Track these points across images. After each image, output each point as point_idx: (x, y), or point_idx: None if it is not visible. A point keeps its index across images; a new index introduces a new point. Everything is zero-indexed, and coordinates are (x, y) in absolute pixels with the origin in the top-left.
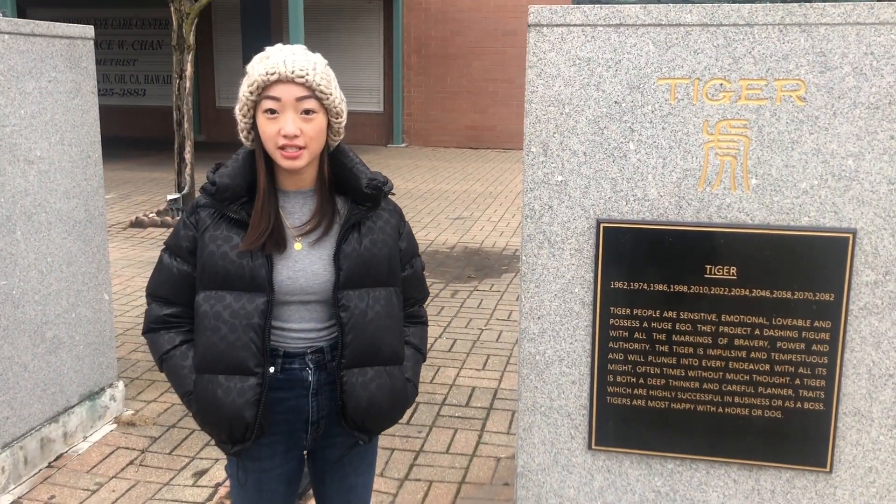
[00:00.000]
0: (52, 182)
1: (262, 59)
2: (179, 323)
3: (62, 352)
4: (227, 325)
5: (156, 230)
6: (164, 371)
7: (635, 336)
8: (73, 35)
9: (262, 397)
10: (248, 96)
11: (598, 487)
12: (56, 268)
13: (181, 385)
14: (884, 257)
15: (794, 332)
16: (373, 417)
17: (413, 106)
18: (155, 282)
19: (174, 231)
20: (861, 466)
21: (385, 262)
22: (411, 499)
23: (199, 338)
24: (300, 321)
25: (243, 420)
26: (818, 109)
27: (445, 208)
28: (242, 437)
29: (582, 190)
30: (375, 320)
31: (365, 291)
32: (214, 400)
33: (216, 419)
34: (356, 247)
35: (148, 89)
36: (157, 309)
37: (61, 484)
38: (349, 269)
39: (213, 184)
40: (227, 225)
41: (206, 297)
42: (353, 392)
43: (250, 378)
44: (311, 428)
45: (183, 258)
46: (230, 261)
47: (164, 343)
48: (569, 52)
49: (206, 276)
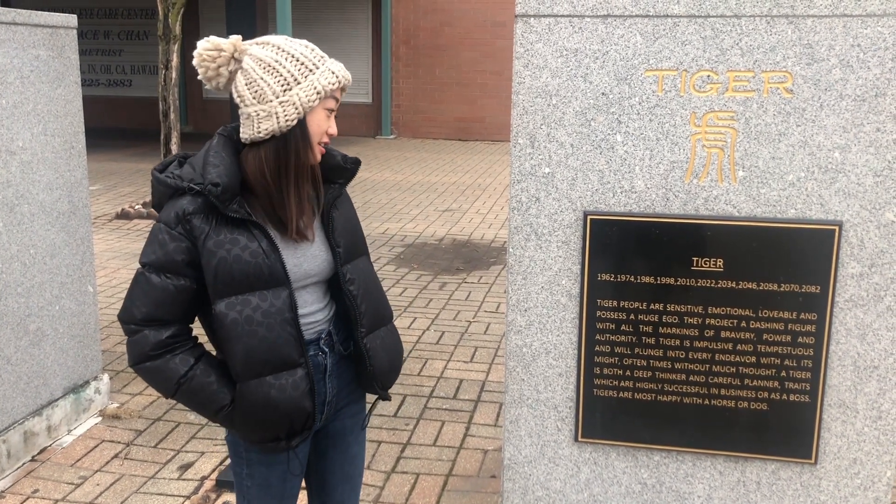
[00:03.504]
0: (35, 173)
1: (320, 56)
2: (182, 343)
3: (46, 344)
4: (264, 325)
5: (142, 222)
6: (178, 397)
7: (622, 328)
8: (56, 24)
9: (313, 384)
10: (330, 90)
11: (584, 479)
12: (39, 260)
13: (212, 402)
14: (869, 249)
15: (781, 325)
16: (395, 372)
17: (402, 97)
18: (144, 305)
19: (156, 247)
20: (846, 458)
21: (360, 231)
22: (398, 491)
23: (234, 346)
24: (304, 305)
25: (304, 411)
26: (805, 101)
27: (434, 200)
28: (303, 427)
29: (569, 182)
30: (372, 286)
31: (356, 262)
32: (270, 401)
33: (275, 419)
34: (341, 222)
35: (134, 80)
36: (155, 334)
37: (45, 477)
38: (345, 245)
39: (216, 185)
40: (227, 228)
41: (230, 305)
42: (377, 355)
43: (298, 370)
44: (326, 409)
45: (178, 273)
46: (245, 262)
47: (177, 367)
48: (556, 43)
49: (221, 284)
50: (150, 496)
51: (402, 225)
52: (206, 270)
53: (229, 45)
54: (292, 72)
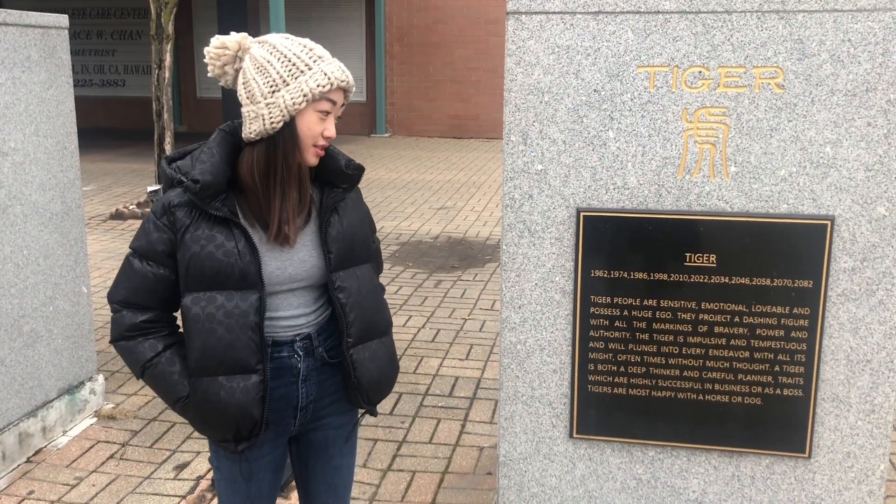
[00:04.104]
0: (27, 174)
1: (315, 57)
2: (157, 329)
3: (40, 345)
4: (223, 325)
5: (136, 222)
6: (145, 379)
7: (616, 324)
8: (47, 24)
9: (265, 393)
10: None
11: (579, 476)
12: (33, 261)
13: (171, 392)
14: (861, 244)
15: (774, 319)
16: (382, 388)
17: (396, 95)
18: (125, 288)
19: (142, 234)
20: (839, 451)
21: (363, 239)
22: (394, 489)
23: (194, 341)
24: (288, 308)
25: (251, 418)
26: (796, 97)
27: (429, 198)
28: (249, 434)
29: (562, 179)
30: (367, 296)
31: (352, 271)
32: (218, 402)
33: (221, 420)
34: (340, 229)
35: (127, 80)
36: (131, 316)
37: (40, 479)
38: (338, 252)
39: (195, 182)
40: (207, 223)
41: (196, 300)
42: (364, 368)
43: (252, 376)
44: (300, 414)
45: (158, 262)
46: (217, 260)
47: (145, 351)
48: (548, 40)
49: (191, 279)
50: (146, 496)
51: (396, 223)
52: (180, 263)
53: (234, 42)
54: (281, 73)
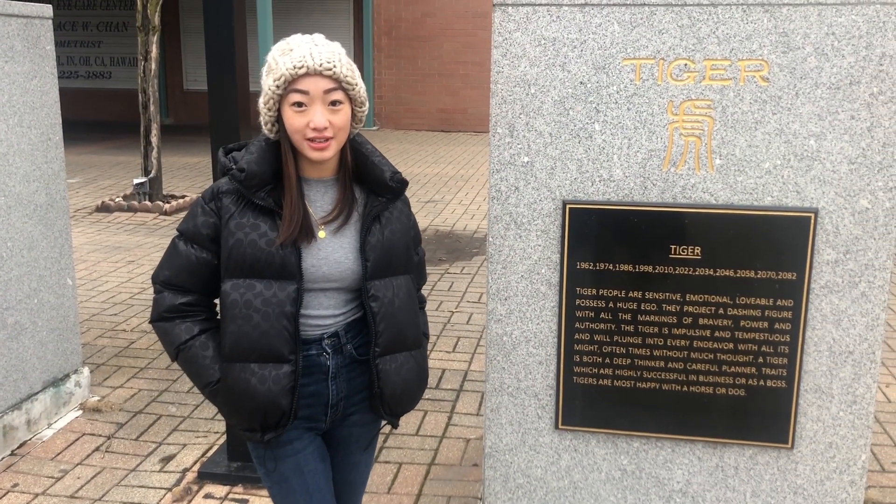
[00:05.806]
0: (11, 165)
1: (284, 51)
2: (195, 312)
3: (24, 338)
4: (260, 313)
5: (122, 214)
6: (178, 361)
7: (601, 316)
8: (30, 14)
9: (296, 384)
10: (275, 90)
11: (564, 467)
12: (17, 252)
13: (203, 376)
14: (844, 236)
15: (758, 311)
16: (406, 401)
17: (384, 88)
18: (169, 269)
19: (190, 217)
20: (822, 442)
21: (404, 250)
22: (381, 481)
23: (229, 326)
24: (318, 308)
25: (279, 408)
26: (781, 90)
27: (417, 191)
28: (276, 424)
29: (548, 171)
30: (401, 308)
31: (389, 280)
32: (248, 388)
33: (250, 408)
34: (380, 238)
35: (113, 72)
36: (172, 298)
37: (25, 472)
38: (376, 260)
39: (241, 171)
40: (252, 212)
41: (235, 286)
42: (388, 379)
43: (284, 365)
44: (331, 411)
45: (202, 245)
46: (259, 249)
47: (181, 333)
48: (534, 32)
49: (233, 265)
50: (132, 489)
51: None
52: (223, 248)
53: None
54: (264, 76)
